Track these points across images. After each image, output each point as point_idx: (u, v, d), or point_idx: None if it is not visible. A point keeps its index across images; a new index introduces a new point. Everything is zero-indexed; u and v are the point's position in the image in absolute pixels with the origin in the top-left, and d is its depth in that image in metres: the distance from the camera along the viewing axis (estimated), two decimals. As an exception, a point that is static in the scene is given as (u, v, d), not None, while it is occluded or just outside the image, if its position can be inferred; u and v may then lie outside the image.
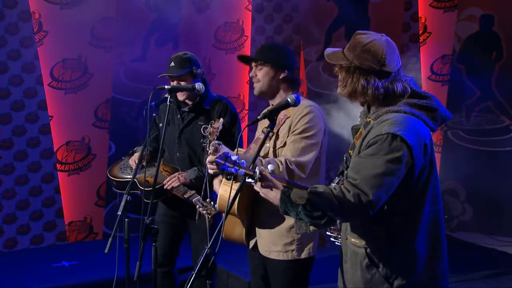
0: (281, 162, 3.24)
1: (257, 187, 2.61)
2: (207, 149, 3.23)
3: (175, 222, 4.26)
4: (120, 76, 6.51)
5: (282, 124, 3.39)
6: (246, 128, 3.44)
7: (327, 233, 2.84)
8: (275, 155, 3.40)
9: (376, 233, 2.57)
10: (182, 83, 4.03)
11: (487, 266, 5.60)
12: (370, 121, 2.61)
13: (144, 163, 3.91)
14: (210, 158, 3.22)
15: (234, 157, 2.53)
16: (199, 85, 3.87)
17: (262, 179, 2.58)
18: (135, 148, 4.38)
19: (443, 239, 2.65)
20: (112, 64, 6.41)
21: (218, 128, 3.23)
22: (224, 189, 3.29)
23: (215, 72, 6.88)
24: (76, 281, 5.24)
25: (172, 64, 4.05)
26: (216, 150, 3.17)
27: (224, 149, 3.25)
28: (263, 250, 3.48)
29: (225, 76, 7.00)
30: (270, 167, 2.66)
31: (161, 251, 4.01)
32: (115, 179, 4.28)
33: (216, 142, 3.21)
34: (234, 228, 3.49)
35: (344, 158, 2.73)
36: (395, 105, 2.55)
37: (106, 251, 3.37)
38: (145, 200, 3.92)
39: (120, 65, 6.48)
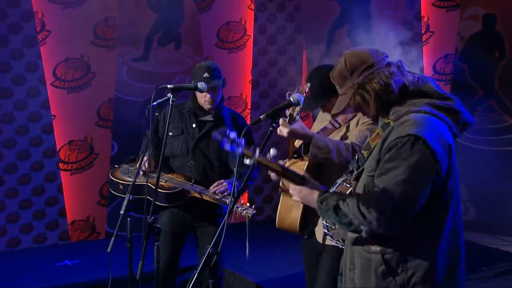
0: (348, 145, 3.41)
1: (294, 191, 2.62)
2: (286, 117, 3.32)
3: (178, 232, 4.23)
4: (123, 75, 6.51)
5: (350, 119, 3.56)
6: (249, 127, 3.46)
7: (325, 230, 2.75)
8: None
9: (395, 239, 2.41)
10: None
11: (489, 266, 5.59)
12: (389, 122, 2.48)
13: (146, 165, 3.92)
14: (282, 122, 3.29)
15: (232, 135, 2.54)
16: (201, 84, 3.87)
17: (260, 162, 2.56)
18: (136, 155, 4.35)
19: (463, 251, 2.54)
20: (115, 63, 6.41)
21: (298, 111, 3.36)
22: (285, 201, 3.45)
23: (218, 71, 6.87)
24: (79, 281, 5.25)
25: (206, 74, 4.08)
26: (291, 119, 3.30)
27: (300, 122, 3.35)
28: (322, 236, 3.45)
29: (228, 75, 6.95)
30: (272, 151, 2.65)
31: (164, 260, 4.01)
32: (121, 181, 4.19)
33: (296, 111, 3.30)
34: (291, 211, 3.47)
35: (356, 157, 2.64)
36: (415, 106, 2.43)
37: (108, 250, 3.37)
38: (158, 204, 3.92)
39: (122, 64, 6.49)
